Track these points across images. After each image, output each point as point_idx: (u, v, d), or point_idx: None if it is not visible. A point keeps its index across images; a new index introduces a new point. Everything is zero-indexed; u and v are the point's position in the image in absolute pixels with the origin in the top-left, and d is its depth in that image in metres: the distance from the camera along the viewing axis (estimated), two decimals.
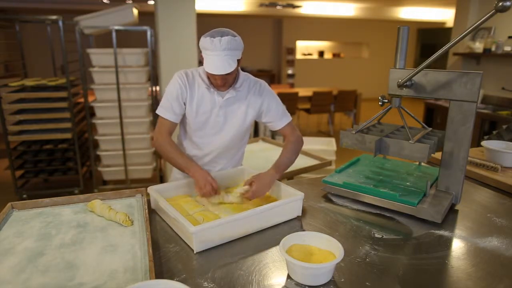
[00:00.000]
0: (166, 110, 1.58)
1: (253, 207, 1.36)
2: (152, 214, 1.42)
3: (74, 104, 3.93)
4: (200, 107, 1.58)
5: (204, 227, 1.14)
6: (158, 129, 1.60)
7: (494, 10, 1.13)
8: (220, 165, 1.73)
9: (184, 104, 1.58)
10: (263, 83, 1.69)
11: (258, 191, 1.43)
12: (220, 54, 1.39)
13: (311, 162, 2.59)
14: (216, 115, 1.59)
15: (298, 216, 1.39)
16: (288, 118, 1.70)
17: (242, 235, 1.24)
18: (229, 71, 1.41)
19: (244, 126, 1.66)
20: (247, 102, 1.62)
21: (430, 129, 1.57)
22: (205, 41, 1.41)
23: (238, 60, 1.48)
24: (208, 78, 1.55)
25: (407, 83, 1.37)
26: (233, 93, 1.58)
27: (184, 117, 1.63)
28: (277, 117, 1.67)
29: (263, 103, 1.65)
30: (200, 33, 1.82)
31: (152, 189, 1.43)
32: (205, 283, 0.99)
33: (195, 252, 1.15)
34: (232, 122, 1.63)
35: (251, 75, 1.70)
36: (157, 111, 1.60)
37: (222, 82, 1.50)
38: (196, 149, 1.69)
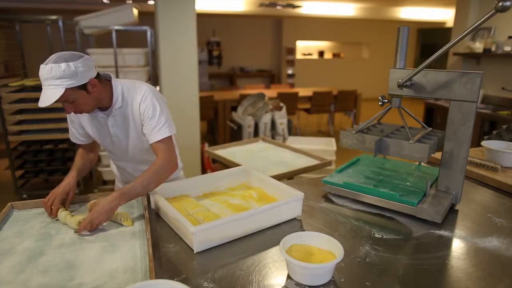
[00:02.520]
0: (71, 136, 1.66)
1: (253, 207, 1.36)
2: (152, 214, 1.42)
3: None
4: (92, 131, 1.58)
5: (204, 227, 1.14)
6: None
7: (494, 10, 1.13)
8: None
9: (83, 127, 1.60)
10: (147, 91, 1.50)
11: (92, 220, 1.23)
12: (44, 85, 1.29)
13: (311, 162, 2.59)
14: (112, 135, 1.56)
15: (298, 216, 1.39)
16: (162, 134, 1.47)
17: (242, 235, 1.24)
18: (52, 102, 1.27)
19: (143, 138, 1.56)
20: (131, 116, 1.51)
21: (430, 129, 1.57)
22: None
23: (84, 86, 1.33)
24: None
25: (407, 83, 1.37)
26: (115, 112, 1.50)
27: None
28: (150, 128, 1.47)
29: (141, 112, 1.48)
30: (200, 33, 1.82)
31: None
32: (205, 283, 0.99)
33: (195, 252, 1.15)
34: (129, 138, 1.58)
35: (141, 82, 1.57)
36: None
37: (70, 110, 1.38)
38: (120, 167, 1.78)
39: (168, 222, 1.34)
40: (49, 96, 1.27)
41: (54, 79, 1.26)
